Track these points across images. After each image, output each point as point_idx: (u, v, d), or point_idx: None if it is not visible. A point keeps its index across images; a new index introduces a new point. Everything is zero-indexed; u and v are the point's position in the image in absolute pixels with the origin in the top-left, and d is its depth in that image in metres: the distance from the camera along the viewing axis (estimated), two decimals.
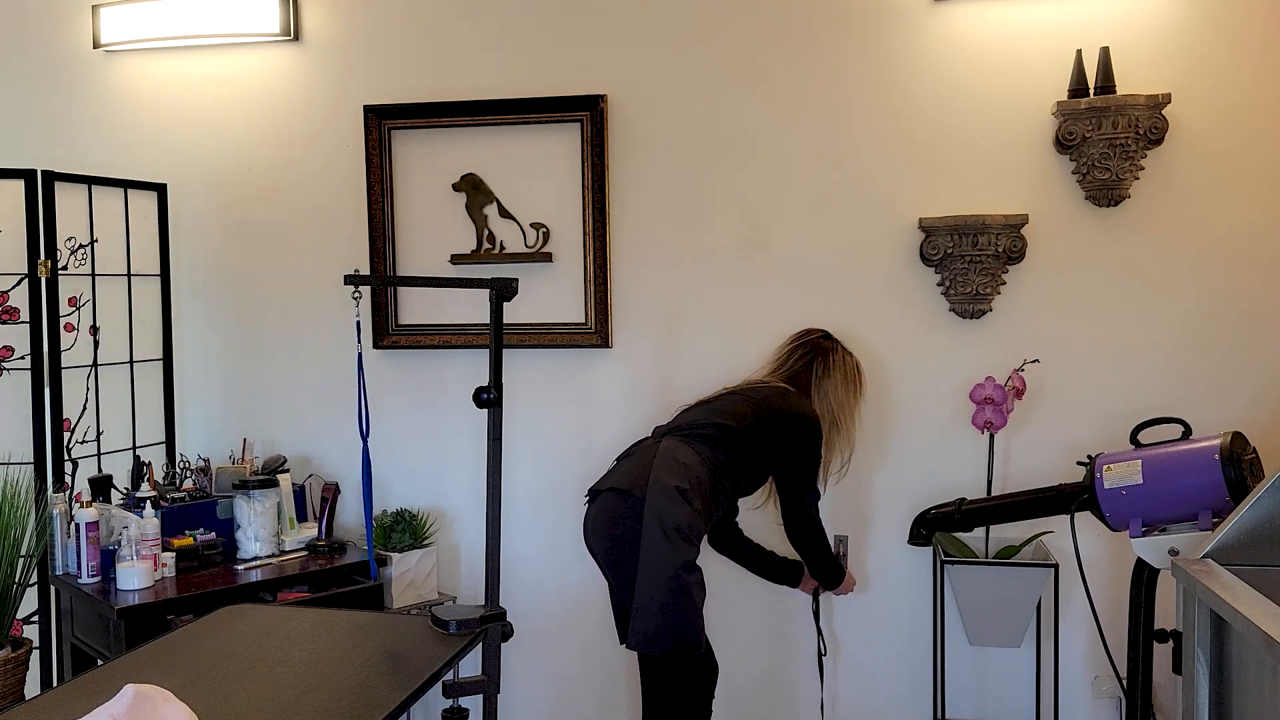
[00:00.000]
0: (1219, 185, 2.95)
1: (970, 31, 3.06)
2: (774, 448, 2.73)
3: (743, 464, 2.72)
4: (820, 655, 3.06)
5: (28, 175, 3.14)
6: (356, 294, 2.43)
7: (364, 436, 2.33)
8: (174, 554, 3.00)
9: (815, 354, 2.92)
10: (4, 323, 3.17)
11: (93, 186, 3.32)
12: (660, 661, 2.58)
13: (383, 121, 3.39)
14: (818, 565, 2.86)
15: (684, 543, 2.52)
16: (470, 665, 2.25)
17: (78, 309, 3.27)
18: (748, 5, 3.19)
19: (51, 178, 3.16)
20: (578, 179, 3.28)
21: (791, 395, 2.81)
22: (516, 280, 2.26)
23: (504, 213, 3.35)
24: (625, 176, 3.28)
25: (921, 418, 3.14)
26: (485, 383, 2.19)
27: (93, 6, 3.55)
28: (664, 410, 3.05)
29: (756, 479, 2.81)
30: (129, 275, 3.44)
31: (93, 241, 3.32)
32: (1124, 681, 2.53)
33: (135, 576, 2.86)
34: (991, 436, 2.93)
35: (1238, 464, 2.26)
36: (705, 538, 2.75)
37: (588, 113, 3.24)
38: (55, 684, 3.15)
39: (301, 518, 3.37)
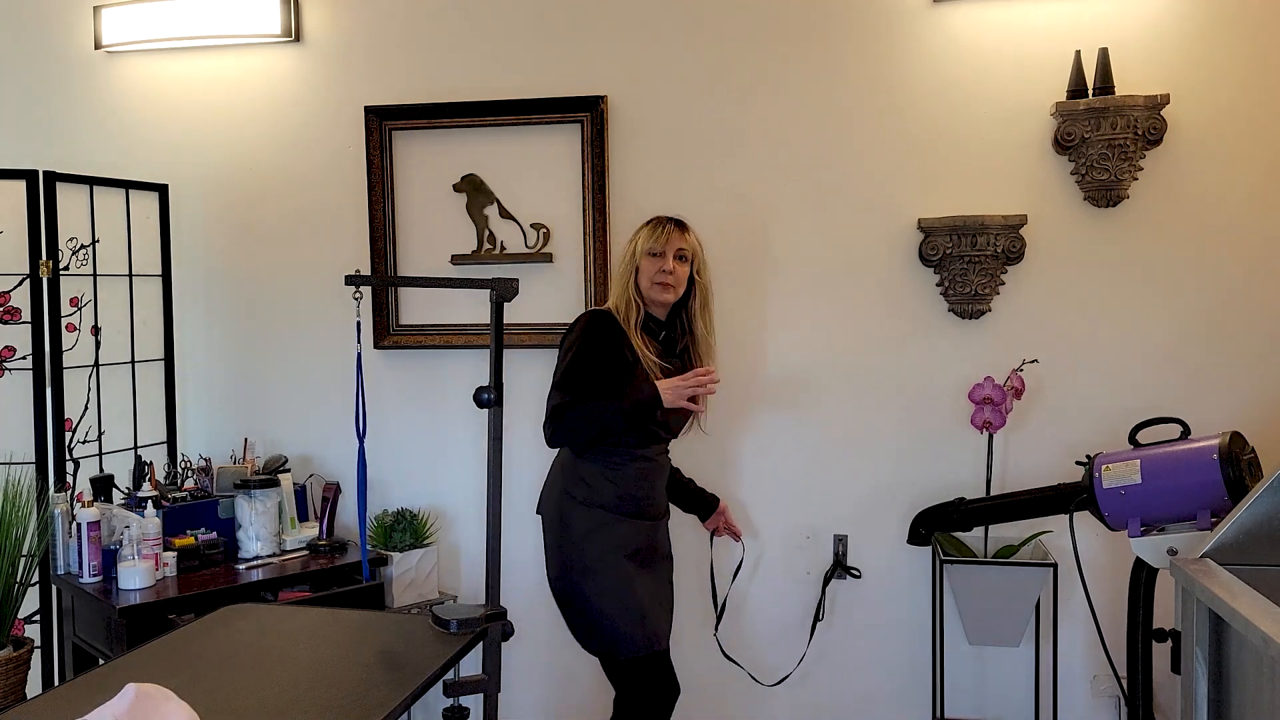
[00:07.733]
0: (1217, 186, 2.96)
1: (970, 32, 3.06)
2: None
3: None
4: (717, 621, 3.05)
5: (29, 176, 3.15)
6: (357, 294, 2.43)
7: (360, 437, 2.32)
8: (175, 553, 3.01)
9: None
10: (6, 323, 3.18)
11: (94, 187, 3.33)
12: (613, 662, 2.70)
13: (384, 122, 3.39)
14: (611, 416, 2.53)
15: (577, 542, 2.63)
16: (471, 664, 2.25)
17: (79, 309, 3.28)
18: (747, 6, 3.19)
19: (53, 178, 3.17)
20: (578, 179, 3.29)
21: None
22: (517, 280, 2.26)
23: (504, 213, 3.36)
24: (625, 177, 3.28)
25: (921, 418, 3.15)
26: (486, 383, 2.19)
27: (94, 7, 3.56)
28: None
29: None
30: (130, 275, 3.44)
31: (94, 242, 3.33)
32: (1123, 681, 2.53)
33: (136, 576, 2.87)
34: (990, 436, 2.93)
35: (1236, 464, 2.27)
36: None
37: (588, 113, 3.24)
38: (57, 683, 3.16)
39: (303, 517, 3.38)
